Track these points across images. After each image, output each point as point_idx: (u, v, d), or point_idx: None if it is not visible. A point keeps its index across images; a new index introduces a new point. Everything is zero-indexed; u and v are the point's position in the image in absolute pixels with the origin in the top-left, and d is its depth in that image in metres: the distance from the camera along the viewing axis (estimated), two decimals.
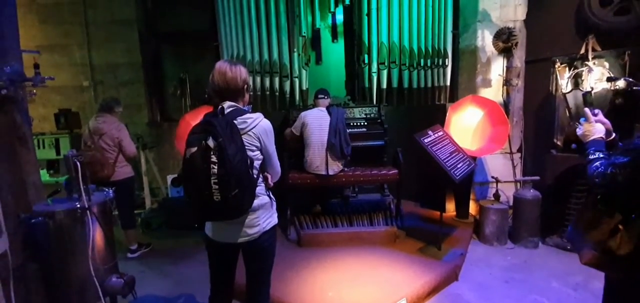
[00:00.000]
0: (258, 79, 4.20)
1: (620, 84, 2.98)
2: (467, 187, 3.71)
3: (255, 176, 1.60)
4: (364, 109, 4.29)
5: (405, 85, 4.31)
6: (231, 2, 4.00)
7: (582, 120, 1.61)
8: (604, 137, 1.50)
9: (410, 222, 3.67)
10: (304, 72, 4.37)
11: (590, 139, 1.51)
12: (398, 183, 3.46)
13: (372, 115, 4.23)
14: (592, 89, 3.08)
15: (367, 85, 4.39)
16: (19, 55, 2.06)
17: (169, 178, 4.50)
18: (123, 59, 4.85)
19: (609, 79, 2.99)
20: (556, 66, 3.36)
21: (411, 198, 4.38)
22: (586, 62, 3.18)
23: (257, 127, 1.58)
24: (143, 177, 4.64)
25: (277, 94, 4.28)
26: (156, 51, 5.14)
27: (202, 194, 1.44)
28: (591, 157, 1.43)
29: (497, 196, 3.57)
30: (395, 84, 4.33)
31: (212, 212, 1.49)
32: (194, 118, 3.35)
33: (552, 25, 3.72)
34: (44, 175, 4.39)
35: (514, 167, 3.98)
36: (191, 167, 1.44)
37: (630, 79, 2.88)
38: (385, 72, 4.31)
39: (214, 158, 1.42)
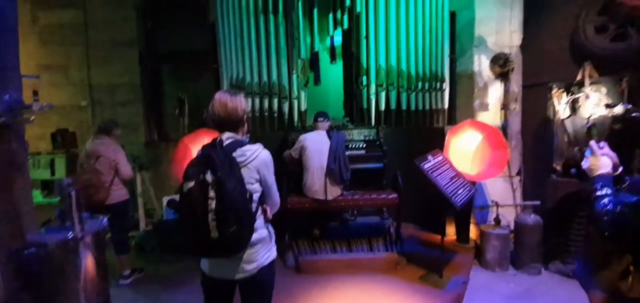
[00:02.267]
0: (257, 101, 4.21)
1: (619, 110, 2.99)
2: (467, 211, 3.67)
3: (254, 210, 1.56)
4: (362, 130, 4.29)
5: (404, 107, 4.32)
6: (232, 25, 4.03)
7: (587, 152, 1.58)
8: (611, 171, 1.48)
9: (411, 247, 3.61)
10: (302, 93, 4.38)
11: (596, 173, 1.48)
12: (398, 208, 3.42)
13: (370, 137, 4.22)
14: (591, 115, 3.09)
15: (365, 106, 4.40)
16: (19, 80, 2.04)
17: (165, 199, 4.43)
18: (122, 79, 4.85)
19: (607, 106, 3.00)
20: (553, 92, 3.38)
21: (410, 221, 4.33)
22: (583, 89, 3.21)
23: (256, 159, 1.55)
24: (138, 198, 4.56)
25: (276, 115, 4.27)
26: (155, 71, 5.15)
27: (199, 230, 1.40)
28: (599, 193, 1.40)
29: (497, 221, 3.53)
30: (393, 105, 4.35)
31: (209, 248, 1.44)
32: (192, 141, 3.32)
33: (548, 50, 3.77)
34: (37, 196, 4.32)
35: (513, 190, 3.96)
36: (189, 202, 1.41)
37: (629, 106, 2.90)
38: (383, 94, 4.32)
39: (212, 193, 1.39)
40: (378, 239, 3.52)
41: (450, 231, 3.90)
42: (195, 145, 3.31)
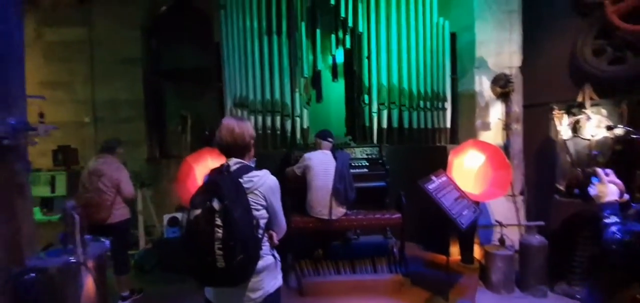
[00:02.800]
0: (260, 118, 4.22)
1: (619, 132, 3.01)
2: (471, 230, 3.64)
3: (260, 236, 1.55)
4: (365, 149, 4.29)
5: (406, 125, 4.35)
6: (236, 45, 4.08)
7: (594, 180, 1.59)
8: (617, 198, 1.49)
9: (415, 267, 3.57)
10: (304, 111, 4.41)
11: (604, 200, 1.49)
12: (401, 228, 3.40)
13: (373, 155, 4.22)
14: (593, 136, 3.10)
15: (367, 124, 4.43)
16: (24, 101, 2.04)
17: (166, 217, 4.39)
18: (125, 95, 4.88)
19: (608, 128, 3.02)
20: (554, 112, 3.40)
21: (413, 240, 4.29)
22: (584, 110, 3.23)
23: (263, 185, 1.55)
24: (138, 216, 4.53)
25: (278, 132, 4.28)
26: (158, 88, 5.19)
27: (205, 259, 1.38)
28: (606, 220, 1.41)
29: (502, 241, 3.51)
30: (395, 124, 4.37)
31: (214, 278, 1.42)
32: (196, 160, 3.32)
33: (548, 71, 3.82)
34: (37, 213, 4.28)
35: (517, 210, 3.95)
36: (195, 230, 1.39)
37: (629, 128, 2.92)
38: (385, 112, 4.35)
39: (218, 222, 1.38)
40: (382, 260, 3.48)
41: (454, 251, 3.87)
42: (198, 164, 3.31)
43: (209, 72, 4.83)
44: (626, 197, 1.50)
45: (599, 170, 1.54)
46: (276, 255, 1.67)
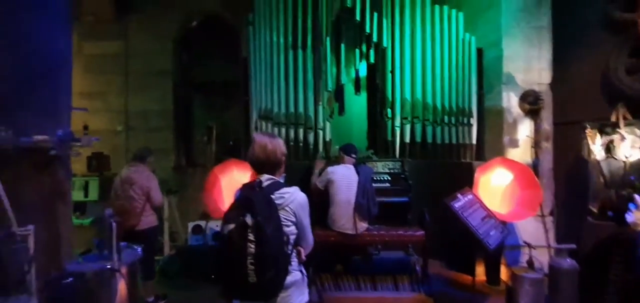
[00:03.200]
0: (283, 130, 4.30)
1: None
2: (498, 251, 3.54)
3: (289, 252, 1.58)
4: (387, 163, 4.27)
5: (429, 140, 4.31)
6: (262, 59, 4.20)
7: (631, 206, 1.53)
8: None
9: (438, 287, 3.49)
10: (327, 124, 4.45)
11: None
12: (425, 246, 3.35)
13: (395, 170, 4.19)
14: (627, 157, 2.98)
15: (390, 138, 4.41)
16: (69, 113, 2.18)
17: (190, 225, 4.51)
18: (156, 106, 5.10)
19: None
20: (587, 131, 3.29)
21: (436, 258, 4.20)
22: (618, 130, 3.11)
23: (293, 201, 1.58)
24: (164, 223, 4.67)
25: (301, 145, 4.34)
26: (187, 99, 5.39)
27: (236, 274, 1.42)
28: None
29: (531, 263, 3.36)
30: (418, 138, 4.34)
31: (245, 292, 1.46)
32: (222, 171, 3.41)
33: (579, 89, 3.71)
34: None
35: (546, 231, 3.80)
36: (228, 245, 1.44)
37: None
38: (408, 127, 4.33)
39: (251, 237, 1.42)
40: (403, 277, 3.43)
41: (479, 271, 3.76)
42: (224, 175, 3.40)
43: (235, 85, 4.98)
44: None
45: (637, 197, 1.48)
46: (304, 271, 1.70)
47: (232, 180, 3.44)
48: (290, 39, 4.33)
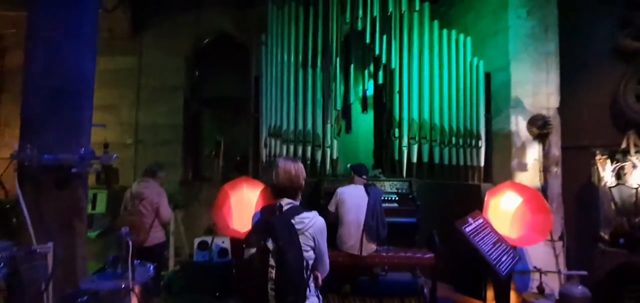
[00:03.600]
0: (291, 148, 4.33)
1: None
2: (508, 276, 3.50)
3: (307, 276, 1.58)
4: (395, 183, 4.27)
5: (437, 160, 4.32)
6: (274, 77, 4.27)
7: None
8: None
9: None
10: (335, 142, 4.48)
11: None
12: (434, 269, 3.32)
13: (403, 190, 4.20)
14: (639, 185, 2.98)
15: (397, 157, 4.43)
16: (90, 131, 2.22)
17: (196, 241, 4.49)
18: (165, 120, 5.16)
19: None
20: (597, 158, 3.30)
21: (444, 280, 4.16)
22: (629, 157, 3.12)
23: (313, 226, 1.59)
24: (170, 237, 4.66)
25: (309, 162, 4.36)
26: (196, 114, 5.46)
27: (257, 297, 1.42)
28: None
29: (541, 289, 3.35)
30: (426, 158, 4.36)
31: None
32: (232, 188, 3.43)
33: (588, 114, 3.74)
34: None
35: (556, 256, 3.77)
36: (249, 269, 1.45)
37: None
38: (415, 147, 4.35)
39: (272, 262, 1.43)
40: (411, 300, 3.40)
41: (488, 295, 3.71)
42: (234, 192, 3.42)
43: (244, 102, 5.04)
44: None
45: None
46: (320, 296, 1.69)
47: (242, 197, 3.46)
48: (300, 58, 4.41)
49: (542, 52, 3.92)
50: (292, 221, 1.55)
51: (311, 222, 1.59)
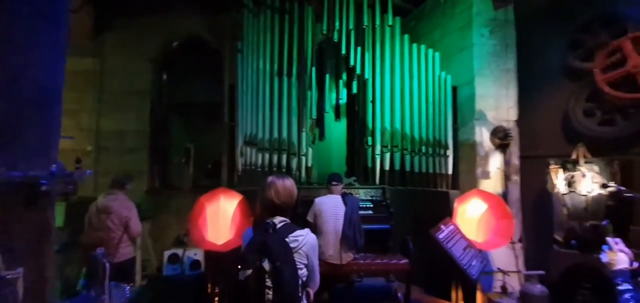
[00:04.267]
0: (267, 156, 4.30)
1: (612, 190, 3.23)
2: (477, 277, 3.73)
3: (301, 294, 1.59)
4: (369, 191, 4.41)
5: (408, 168, 4.51)
6: (249, 85, 4.22)
7: (605, 247, 1.73)
8: (628, 266, 1.62)
9: None
10: (309, 149, 4.52)
11: (615, 268, 1.62)
12: (408, 274, 3.46)
13: (377, 197, 4.34)
14: (589, 192, 3.32)
15: (370, 165, 4.58)
16: (58, 144, 2.06)
17: (166, 254, 4.29)
18: (131, 126, 4.89)
19: (603, 186, 3.24)
20: (551, 167, 3.62)
21: (414, 282, 4.33)
22: (578, 167, 3.46)
23: (306, 244, 1.61)
24: (137, 251, 4.41)
25: (284, 170, 4.36)
26: (165, 120, 5.22)
27: None
28: (620, 288, 1.54)
29: (504, 289, 3.60)
30: (397, 166, 4.53)
31: None
32: (209, 199, 3.33)
33: (543, 126, 4.09)
34: None
35: (516, 257, 4.08)
36: (245, 291, 1.43)
37: (621, 187, 3.14)
38: (388, 155, 4.52)
39: (268, 282, 1.42)
40: None
41: (457, 296, 3.93)
42: (211, 203, 3.32)
43: (215, 108, 4.92)
44: (636, 265, 1.64)
45: (609, 239, 1.69)
46: None
47: (218, 209, 3.37)
48: (276, 66, 4.41)
49: (503, 69, 4.24)
50: (287, 240, 1.56)
51: (305, 240, 1.61)
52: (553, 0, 4.07)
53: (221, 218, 3.33)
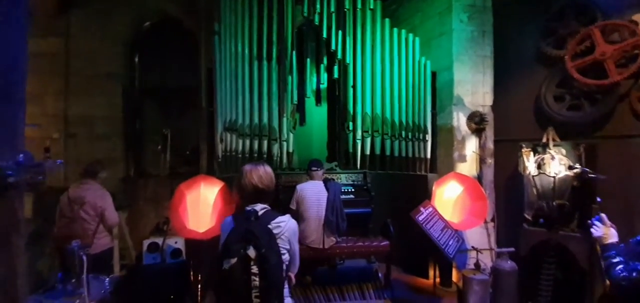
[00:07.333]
0: (247, 142, 4.23)
1: (577, 171, 3.43)
2: (454, 256, 3.90)
3: (284, 279, 1.61)
4: (350, 175, 4.46)
5: (388, 153, 4.58)
6: (228, 69, 4.09)
7: (596, 220, 1.84)
8: (617, 240, 1.76)
9: (400, 292, 3.74)
10: (291, 135, 4.49)
11: (607, 242, 1.75)
12: (389, 255, 3.56)
13: (358, 182, 4.41)
14: (557, 174, 3.50)
15: (351, 150, 4.61)
16: (23, 131, 1.94)
17: (145, 243, 4.19)
18: (102, 112, 4.65)
19: (569, 167, 3.44)
20: (523, 150, 3.79)
21: (393, 262, 4.49)
22: (548, 150, 3.64)
23: (288, 230, 1.62)
24: (114, 241, 4.28)
25: (265, 156, 4.31)
26: (138, 105, 5.00)
27: None
28: (613, 260, 1.66)
29: (478, 266, 3.78)
30: (378, 151, 4.59)
31: None
32: (189, 187, 3.26)
33: (516, 112, 4.25)
34: None
35: (488, 236, 4.29)
36: (230, 279, 1.42)
37: (586, 169, 3.35)
38: (369, 140, 4.56)
39: (254, 269, 1.43)
40: (368, 285, 3.62)
41: (433, 274, 4.11)
42: (191, 191, 3.26)
43: (192, 92, 4.76)
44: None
45: (603, 215, 1.82)
46: (291, 299, 1.73)
47: (198, 196, 3.31)
48: (255, 49, 4.29)
49: (480, 55, 4.34)
50: (269, 226, 1.56)
51: (286, 226, 1.61)
52: None
53: (202, 205, 3.28)
